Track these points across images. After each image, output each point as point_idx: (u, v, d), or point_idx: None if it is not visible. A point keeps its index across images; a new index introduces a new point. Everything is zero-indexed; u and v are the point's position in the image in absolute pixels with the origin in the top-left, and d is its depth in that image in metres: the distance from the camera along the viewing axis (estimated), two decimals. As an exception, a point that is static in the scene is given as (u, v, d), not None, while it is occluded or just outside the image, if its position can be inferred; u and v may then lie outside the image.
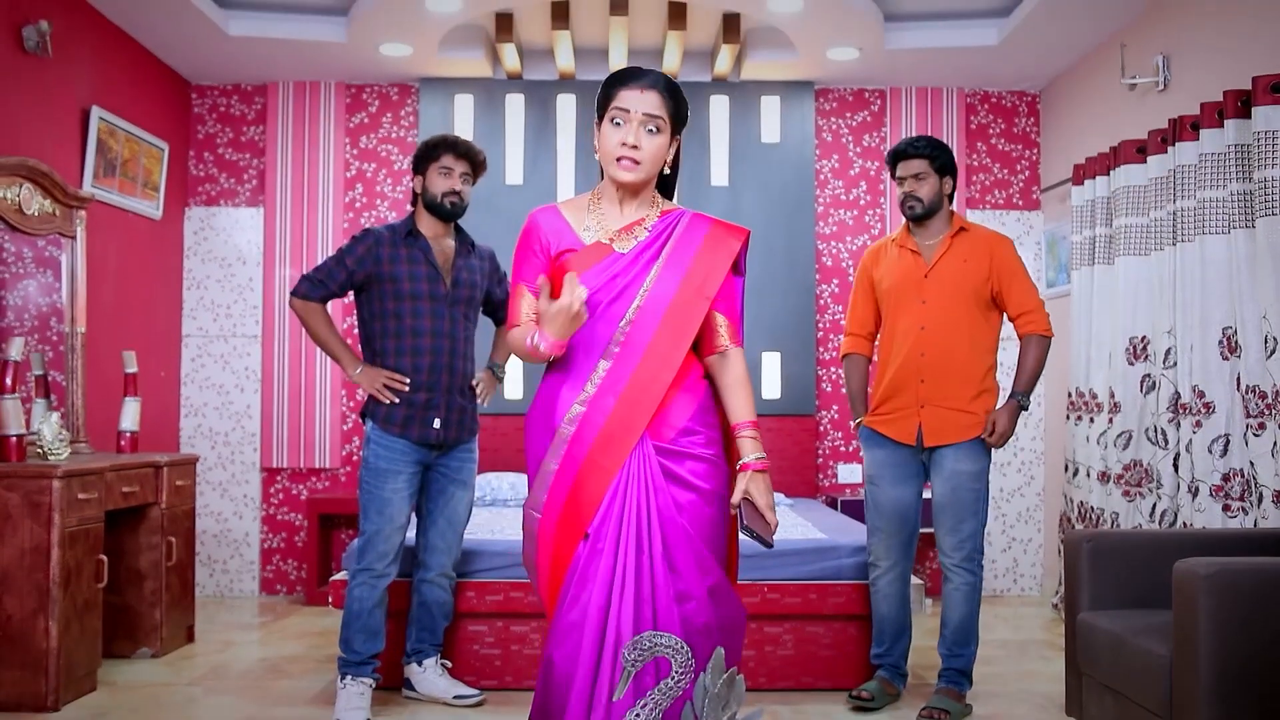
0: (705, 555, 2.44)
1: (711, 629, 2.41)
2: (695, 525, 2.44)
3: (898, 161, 3.98)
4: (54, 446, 4.18)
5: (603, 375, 2.45)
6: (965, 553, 3.88)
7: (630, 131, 2.46)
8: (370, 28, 5.51)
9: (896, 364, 3.92)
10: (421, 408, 3.86)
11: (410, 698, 4.05)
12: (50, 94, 4.86)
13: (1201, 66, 4.71)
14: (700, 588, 2.41)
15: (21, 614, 3.82)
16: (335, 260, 3.91)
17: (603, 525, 2.40)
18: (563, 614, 2.40)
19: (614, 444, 2.42)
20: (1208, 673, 2.61)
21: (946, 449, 3.87)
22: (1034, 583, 6.36)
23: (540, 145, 6.22)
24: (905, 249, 3.99)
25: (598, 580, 2.37)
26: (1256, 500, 3.94)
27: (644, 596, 2.36)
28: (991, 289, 3.90)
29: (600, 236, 2.53)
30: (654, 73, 2.51)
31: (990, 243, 3.93)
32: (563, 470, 2.45)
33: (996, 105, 6.47)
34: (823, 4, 5.23)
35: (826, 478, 6.35)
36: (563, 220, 2.57)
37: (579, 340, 2.49)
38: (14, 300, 4.52)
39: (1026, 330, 3.90)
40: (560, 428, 2.47)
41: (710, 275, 2.50)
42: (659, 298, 2.47)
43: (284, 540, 6.27)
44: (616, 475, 2.42)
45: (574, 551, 2.42)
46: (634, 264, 2.50)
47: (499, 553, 4.21)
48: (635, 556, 2.38)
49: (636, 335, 2.46)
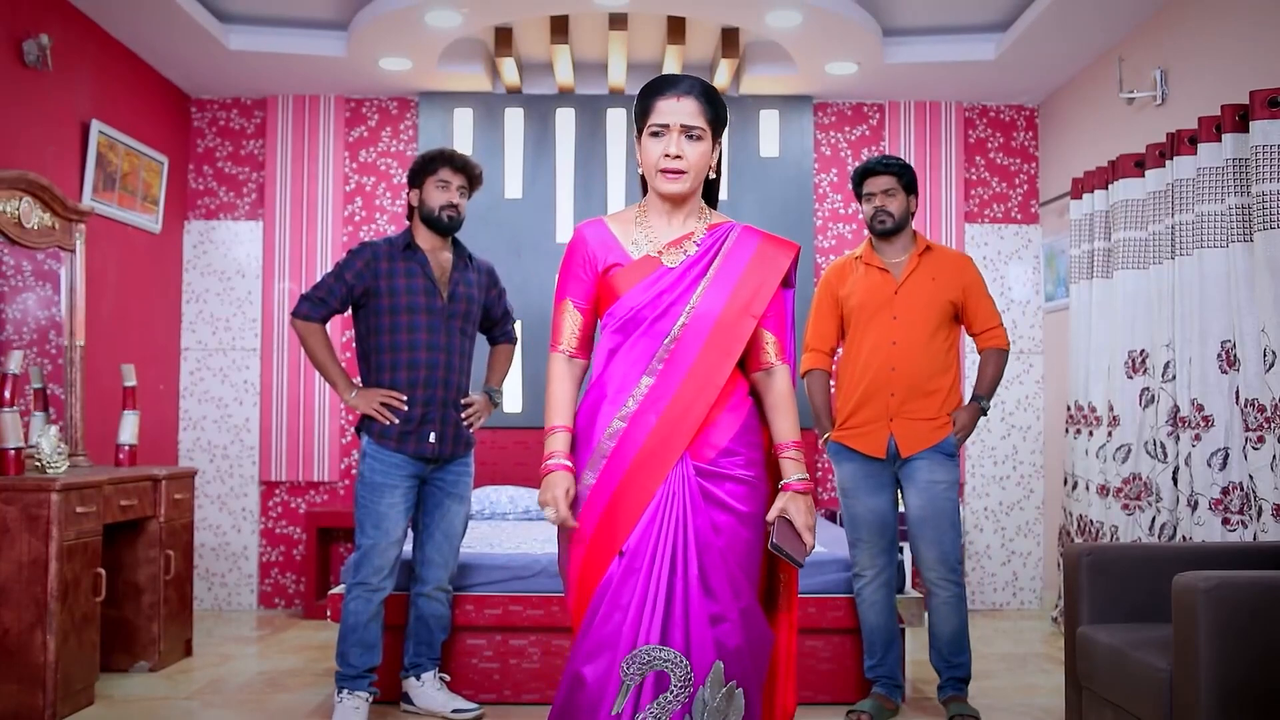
0: (739, 578, 2.41)
1: (743, 651, 2.39)
2: (731, 548, 2.41)
3: (865, 178, 4.05)
4: (52, 460, 4.18)
5: (645, 392, 2.42)
6: (949, 565, 3.92)
7: (671, 141, 2.43)
8: (370, 42, 5.52)
9: (867, 379, 3.97)
10: (417, 422, 3.86)
11: (409, 712, 4.04)
12: (50, 108, 4.87)
13: (1199, 81, 4.72)
14: (734, 610, 2.38)
15: (19, 627, 3.81)
16: (334, 276, 3.92)
17: (640, 544, 2.36)
18: (595, 628, 2.35)
19: (654, 462, 2.39)
20: (1208, 686, 2.60)
21: (919, 461, 3.91)
22: (1033, 596, 6.35)
23: (539, 159, 6.23)
24: (872, 266, 4.05)
25: (633, 600, 2.33)
26: (1256, 514, 3.94)
27: (675, 618, 2.33)
28: (957, 305, 4.01)
29: (649, 250, 2.49)
30: (689, 78, 2.48)
31: (957, 263, 4.06)
32: (600, 485, 2.41)
33: (995, 119, 6.49)
34: (821, 19, 5.25)
35: (825, 491, 6.34)
36: (610, 234, 2.53)
37: (624, 357, 2.45)
38: (13, 313, 4.52)
39: (989, 344, 4.06)
40: (600, 443, 2.43)
41: (758, 293, 2.46)
42: (705, 315, 2.43)
43: (282, 554, 6.26)
44: (655, 494, 2.38)
45: (606, 567, 2.38)
46: (681, 279, 2.46)
47: (498, 566, 4.20)
48: (669, 578, 2.34)
49: (681, 352, 2.42)
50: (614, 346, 2.48)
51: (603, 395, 2.46)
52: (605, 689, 2.31)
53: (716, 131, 2.50)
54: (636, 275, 2.47)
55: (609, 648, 2.33)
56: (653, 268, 2.47)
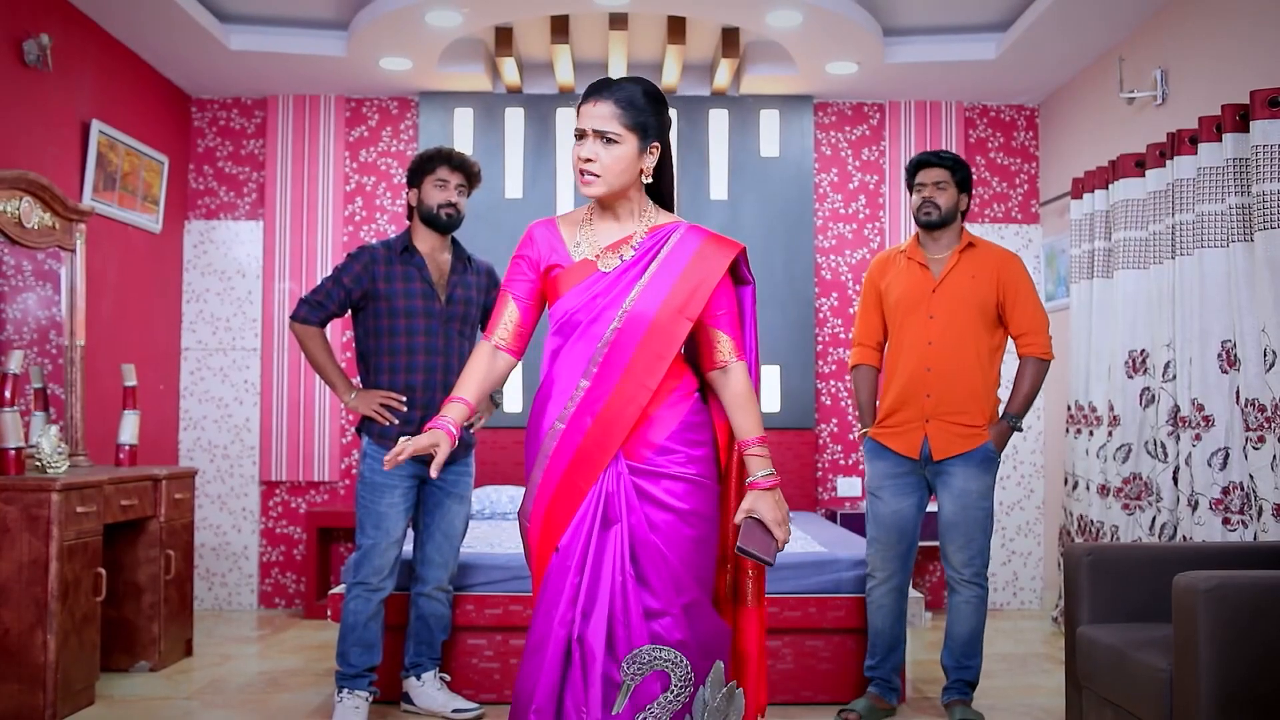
0: (681, 574, 2.44)
1: (688, 645, 2.41)
2: (670, 544, 2.44)
3: (919, 169, 3.97)
4: (53, 460, 4.18)
5: (581, 395, 2.45)
6: (975, 568, 3.87)
7: (586, 145, 2.46)
8: (370, 42, 5.52)
9: (903, 378, 3.90)
10: (417, 425, 3.85)
11: (409, 711, 4.04)
12: (50, 107, 4.87)
13: (1199, 81, 4.72)
14: (674, 605, 2.41)
15: (19, 627, 3.81)
16: (332, 280, 3.92)
17: (570, 542, 2.43)
18: (535, 623, 2.44)
19: (587, 463, 2.44)
20: (1208, 686, 2.61)
21: (954, 465, 3.85)
22: (1034, 596, 6.35)
23: (539, 159, 6.23)
24: (914, 261, 3.97)
25: (563, 595, 2.40)
26: (1256, 514, 3.94)
27: (616, 613, 2.38)
28: (997, 306, 3.90)
29: (588, 253, 2.52)
30: (610, 82, 2.48)
31: (999, 259, 3.92)
32: (544, 484, 2.48)
33: (995, 119, 6.49)
34: (822, 18, 5.25)
35: (826, 491, 6.34)
36: (558, 235, 2.57)
37: (565, 359, 2.50)
38: (13, 313, 4.52)
39: (1026, 351, 3.90)
40: (544, 443, 2.49)
41: (695, 293, 2.46)
42: (639, 317, 2.44)
43: (283, 553, 6.26)
44: (588, 494, 2.44)
45: (547, 564, 2.46)
46: (615, 284, 2.48)
47: (498, 566, 4.20)
48: (605, 573, 2.40)
49: (614, 356, 2.45)
50: (556, 348, 2.53)
51: (548, 396, 2.51)
52: (534, 688, 2.38)
53: (647, 135, 2.48)
54: (573, 279, 2.50)
55: (538, 651, 2.40)
56: (589, 272, 2.50)
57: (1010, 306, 3.89)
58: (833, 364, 6.36)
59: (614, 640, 2.37)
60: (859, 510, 5.96)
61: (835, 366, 6.35)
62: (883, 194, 6.41)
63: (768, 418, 6.08)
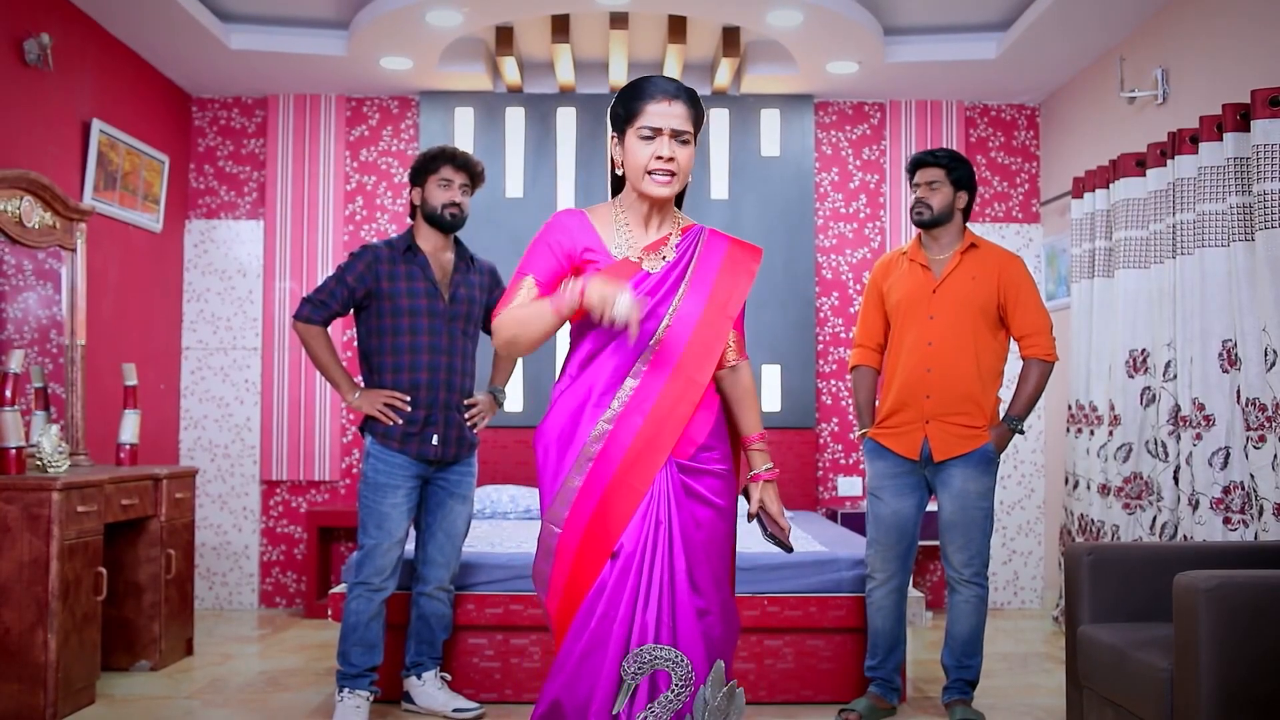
0: (720, 571, 2.48)
1: (726, 642, 2.47)
2: (712, 541, 2.47)
3: (916, 169, 3.98)
4: (53, 459, 4.18)
5: (630, 394, 2.44)
6: (975, 568, 3.86)
7: (664, 144, 2.46)
8: (371, 41, 5.52)
9: (903, 379, 3.90)
10: (420, 424, 3.86)
11: (410, 711, 4.04)
12: (51, 107, 4.87)
13: (1200, 80, 4.72)
14: (716, 602, 2.45)
15: (20, 627, 3.81)
16: (335, 279, 3.91)
17: (633, 544, 2.40)
18: (590, 631, 2.36)
19: (642, 462, 2.42)
20: (1209, 686, 2.61)
21: (954, 466, 3.85)
22: (1035, 596, 6.35)
23: (540, 158, 6.23)
24: (915, 263, 3.97)
25: (623, 598, 2.37)
26: (1257, 513, 3.94)
27: (664, 614, 2.37)
28: (999, 308, 3.89)
29: (629, 253, 2.51)
30: (676, 82, 2.51)
31: (1000, 261, 3.90)
32: (587, 488, 2.43)
33: (996, 118, 6.49)
34: (822, 18, 5.25)
35: (827, 490, 6.34)
36: (591, 230, 2.54)
37: (604, 360, 2.48)
38: (14, 313, 4.52)
39: (1030, 353, 3.88)
40: (585, 446, 2.44)
41: (733, 295, 2.52)
42: (687, 316, 2.47)
43: (283, 553, 6.26)
44: (645, 494, 2.42)
45: (598, 570, 2.40)
46: (663, 283, 2.49)
47: (499, 565, 4.20)
48: (658, 573, 2.39)
49: (665, 354, 2.46)
50: (592, 349, 2.50)
51: (586, 398, 2.48)
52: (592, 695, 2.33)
53: (696, 136, 2.55)
54: (618, 277, 2.47)
55: (598, 642, 2.36)
56: (634, 271, 2.49)
57: (1012, 308, 3.88)
58: (833, 363, 6.36)
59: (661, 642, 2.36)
60: (859, 510, 5.96)
61: (836, 366, 6.35)
62: (883, 193, 6.41)
63: (768, 417, 6.08)
